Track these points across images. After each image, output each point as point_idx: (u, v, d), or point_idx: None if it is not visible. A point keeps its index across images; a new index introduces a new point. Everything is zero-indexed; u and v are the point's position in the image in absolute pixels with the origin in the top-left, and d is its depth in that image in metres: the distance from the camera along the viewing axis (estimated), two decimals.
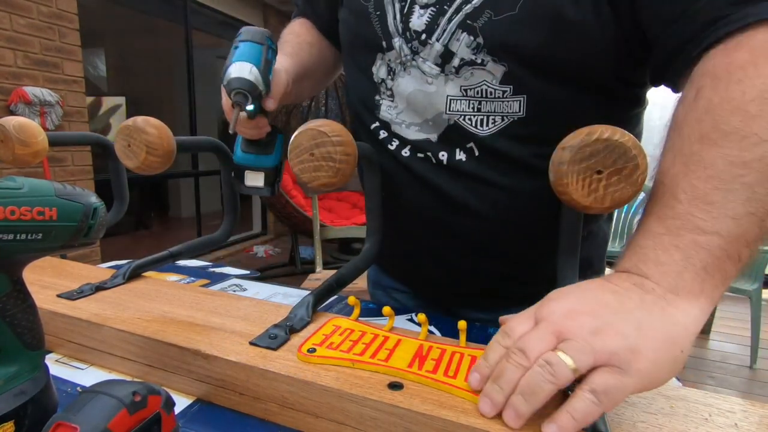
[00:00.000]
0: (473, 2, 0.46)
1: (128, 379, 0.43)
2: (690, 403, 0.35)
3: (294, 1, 0.73)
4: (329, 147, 0.44)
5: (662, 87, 0.48)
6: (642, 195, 2.85)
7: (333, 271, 0.56)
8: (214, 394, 0.40)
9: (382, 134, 0.57)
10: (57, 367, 0.46)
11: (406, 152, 0.56)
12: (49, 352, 0.49)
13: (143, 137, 0.50)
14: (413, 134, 0.55)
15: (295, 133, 0.46)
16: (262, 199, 3.66)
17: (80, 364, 0.47)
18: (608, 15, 0.43)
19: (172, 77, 5.34)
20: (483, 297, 0.67)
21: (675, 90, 0.44)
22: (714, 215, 0.33)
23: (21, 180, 0.30)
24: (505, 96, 0.48)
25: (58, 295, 0.52)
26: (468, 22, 0.47)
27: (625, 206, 2.54)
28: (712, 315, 2.51)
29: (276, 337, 0.42)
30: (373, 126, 0.58)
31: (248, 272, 0.88)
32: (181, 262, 0.90)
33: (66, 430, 0.26)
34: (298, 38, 0.67)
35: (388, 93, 0.55)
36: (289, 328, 0.44)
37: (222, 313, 0.49)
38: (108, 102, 4.18)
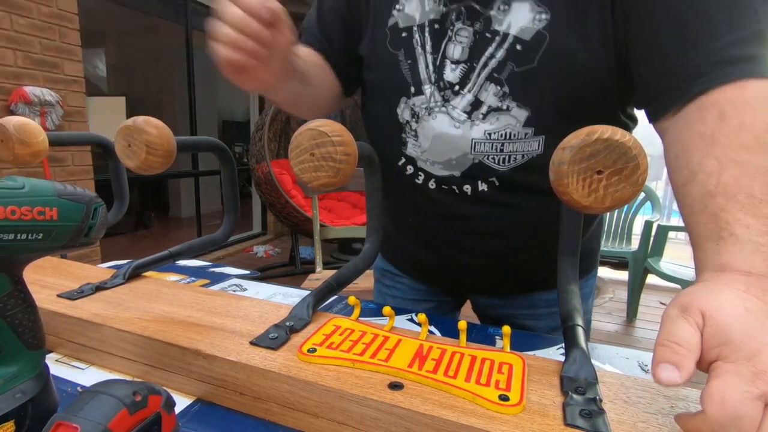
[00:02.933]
0: (497, 57, 0.52)
1: (129, 378, 0.43)
2: (690, 403, 0.35)
3: (302, 29, 0.70)
4: (329, 147, 0.44)
5: None
6: (642, 195, 2.86)
7: (333, 271, 0.56)
8: (215, 394, 0.40)
9: (409, 170, 0.62)
10: (57, 366, 0.46)
11: (432, 185, 0.61)
12: (50, 351, 0.49)
13: (143, 137, 0.50)
14: (438, 171, 0.60)
15: (296, 133, 0.46)
16: (261, 199, 3.66)
17: (80, 363, 0.47)
18: (613, 60, 0.50)
19: (172, 77, 5.34)
20: (494, 289, 0.74)
21: (651, 119, 0.49)
22: None
23: (21, 180, 0.30)
24: (527, 137, 0.54)
25: (59, 295, 0.52)
26: (494, 75, 0.53)
27: (625, 206, 2.54)
28: None
29: (276, 337, 0.42)
30: (400, 162, 0.63)
31: (248, 272, 0.88)
32: (181, 262, 0.90)
33: (66, 430, 0.26)
34: (306, 56, 0.66)
35: (413, 133, 0.60)
36: (289, 328, 0.44)
37: (222, 313, 0.49)
38: None
